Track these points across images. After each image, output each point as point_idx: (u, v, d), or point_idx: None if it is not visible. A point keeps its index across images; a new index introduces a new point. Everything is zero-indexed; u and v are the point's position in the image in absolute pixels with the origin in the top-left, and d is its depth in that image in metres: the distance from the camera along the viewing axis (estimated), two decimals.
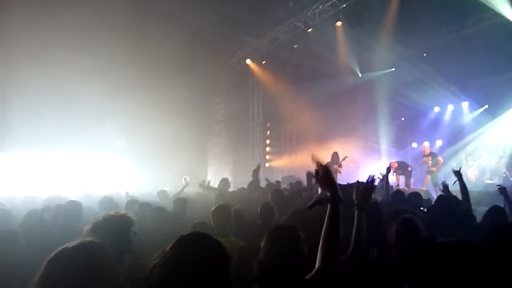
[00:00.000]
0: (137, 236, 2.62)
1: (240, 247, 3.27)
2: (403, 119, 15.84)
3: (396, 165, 12.34)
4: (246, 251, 3.15)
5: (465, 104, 14.18)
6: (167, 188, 11.31)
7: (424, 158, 11.89)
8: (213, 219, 3.60)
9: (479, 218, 4.06)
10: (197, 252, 1.34)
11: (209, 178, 12.35)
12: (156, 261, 1.34)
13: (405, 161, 12.88)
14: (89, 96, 12.14)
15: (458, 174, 4.79)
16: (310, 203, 2.08)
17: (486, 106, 13.26)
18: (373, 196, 3.06)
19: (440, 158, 11.72)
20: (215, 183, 9.74)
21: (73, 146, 12.53)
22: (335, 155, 12.35)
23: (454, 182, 4.79)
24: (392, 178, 10.12)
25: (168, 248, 1.36)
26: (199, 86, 15.56)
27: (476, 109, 13.68)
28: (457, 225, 3.57)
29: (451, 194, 4.77)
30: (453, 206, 3.80)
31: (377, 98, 16.27)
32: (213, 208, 3.72)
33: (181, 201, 5.45)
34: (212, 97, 17.66)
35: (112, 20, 11.69)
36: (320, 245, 1.74)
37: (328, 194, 1.90)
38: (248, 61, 16.12)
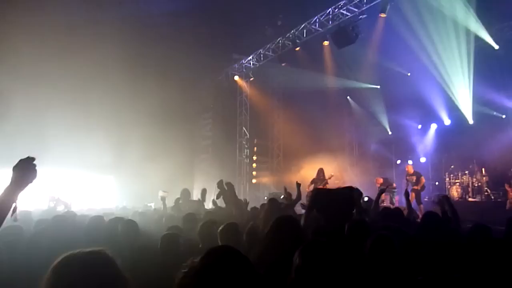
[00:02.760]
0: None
1: None
2: (390, 133, 16.07)
3: (381, 180, 12.52)
4: None
5: (448, 123, 14.48)
6: (151, 204, 11.22)
7: (407, 177, 12.07)
8: (221, 239, 3.37)
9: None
10: (227, 266, 1.35)
11: (195, 194, 12.22)
12: (185, 270, 1.36)
13: (390, 178, 13.05)
14: (75, 109, 12.04)
15: (446, 199, 4.62)
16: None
17: (472, 122, 13.53)
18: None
19: (423, 178, 11.93)
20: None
21: (58, 162, 12.31)
22: (320, 171, 12.45)
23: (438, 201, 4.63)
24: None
25: (198, 259, 1.38)
26: (187, 101, 15.58)
27: (460, 128, 13.92)
28: (443, 243, 3.62)
29: (453, 207, 4.62)
30: (440, 223, 3.85)
31: (363, 115, 16.58)
32: (221, 227, 3.46)
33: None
34: (200, 112, 17.67)
35: (103, 38, 11.74)
36: None
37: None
38: (236, 77, 16.26)
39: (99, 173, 13.71)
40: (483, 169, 12.58)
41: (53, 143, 11.25)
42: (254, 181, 16.73)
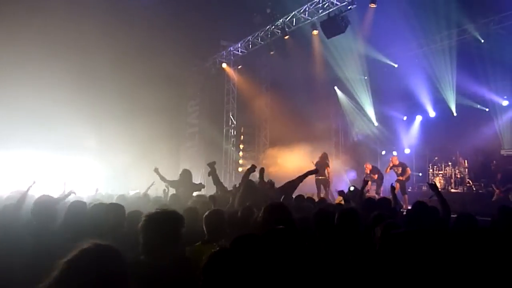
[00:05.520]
0: None
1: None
2: (376, 124, 16.16)
3: (370, 167, 12.64)
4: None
5: (433, 115, 14.68)
6: (136, 191, 11.07)
7: (393, 168, 12.20)
8: (206, 226, 3.38)
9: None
10: (253, 251, 1.50)
11: None
12: (216, 250, 1.46)
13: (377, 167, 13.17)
14: (59, 94, 11.75)
15: (434, 187, 4.46)
16: None
17: (455, 114, 13.76)
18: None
19: (408, 169, 12.08)
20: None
21: (40, 145, 12.05)
22: (325, 155, 12.45)
23: (431, 196, 4.45)
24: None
25: (230, 242, 1.51)
26: (174, 88, 15.39)
27: (444, 120, 14.15)
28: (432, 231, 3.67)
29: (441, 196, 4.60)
30: (429, 213, 3.89)
31: (349, 105, 16.67)
32: (206, 213, 3.48)
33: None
34: (187, 99, 17.49)
35: (87, 21, 11.45)
36: None
37: None
38: (224, 65, 16.08)
39: (83, 157, 13.49)
40: (465, 161, 12.83)
41: (34, 124, 11.05)
42: (240, 169, 16.68)
